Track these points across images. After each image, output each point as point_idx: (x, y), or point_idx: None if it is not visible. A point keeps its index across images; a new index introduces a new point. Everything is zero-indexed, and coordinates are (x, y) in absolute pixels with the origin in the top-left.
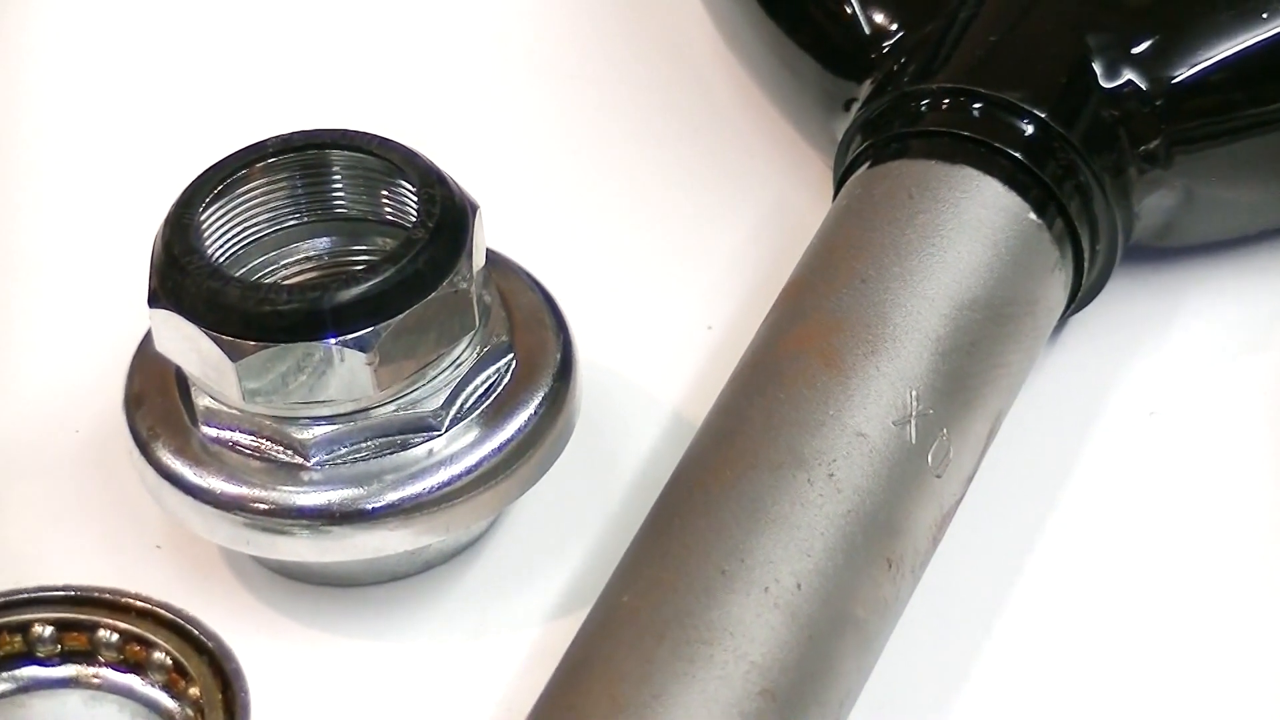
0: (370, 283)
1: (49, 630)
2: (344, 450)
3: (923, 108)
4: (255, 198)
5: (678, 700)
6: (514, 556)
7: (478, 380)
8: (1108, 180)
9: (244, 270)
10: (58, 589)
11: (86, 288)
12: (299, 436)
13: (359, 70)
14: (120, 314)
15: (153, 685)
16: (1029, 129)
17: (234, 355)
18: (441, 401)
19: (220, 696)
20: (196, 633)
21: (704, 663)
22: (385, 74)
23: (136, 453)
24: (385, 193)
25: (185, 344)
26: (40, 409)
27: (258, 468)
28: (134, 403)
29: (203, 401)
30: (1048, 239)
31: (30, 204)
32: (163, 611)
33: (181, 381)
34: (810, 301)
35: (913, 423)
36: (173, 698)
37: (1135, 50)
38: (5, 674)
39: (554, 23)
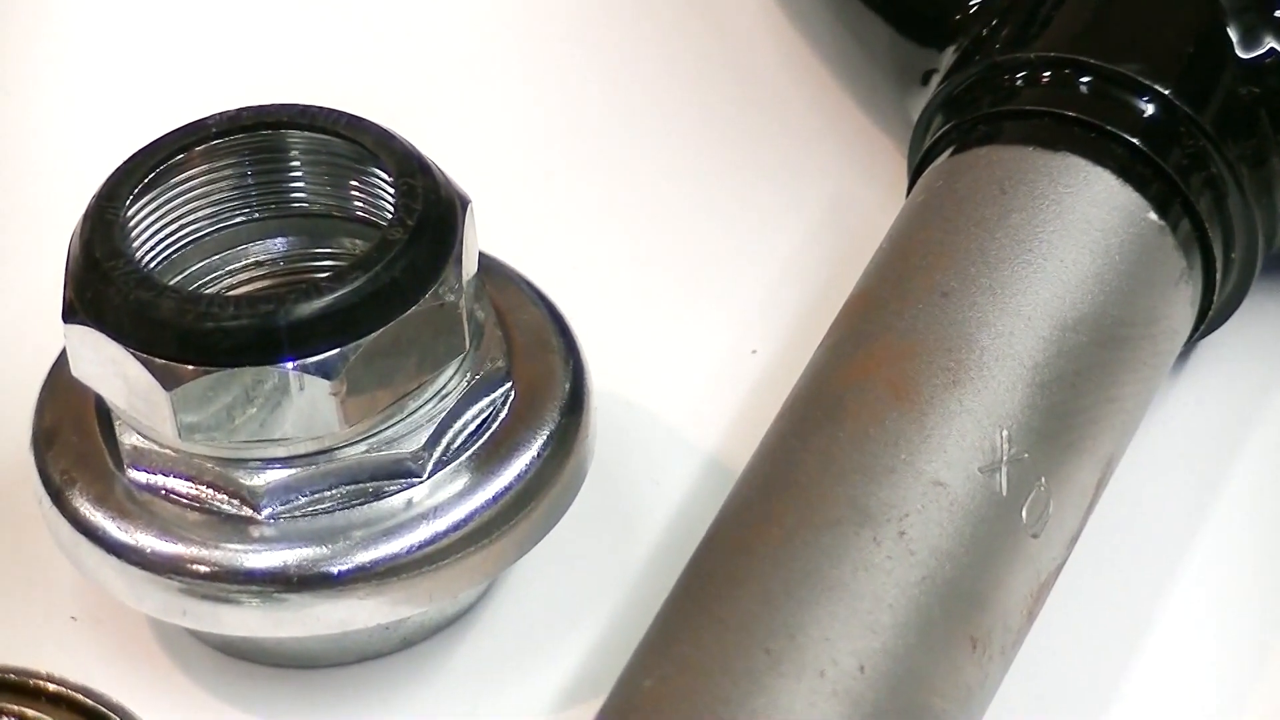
0: (336, 294)
1: None
2: (303, 500)
3: (1018, 82)
4: (194, 189)
5: None
6: (511, 632)
7: (468, 415)
8: (1245, 172)
9: (181, 277)
10: None
11: None
12: (248, 483)
13: (325, 33)
14: (26, 331)
15: None
16: (1149, 109)
17: (168, 382)
18: (423, 441)
19: None
20: None
21: None
22: (357, 37)
23: (47, 502)
24: (355, 183)
25: (108, 368)
26: None
27: (197, 521)
28: (44, 441)
29: (129, 440)
30: (1171, 244)
31: None
32: (79, 697)
33: (103, 415)
34: (878, 320)
35: (1003, 470)
36: None
37: None
38: None
39: None
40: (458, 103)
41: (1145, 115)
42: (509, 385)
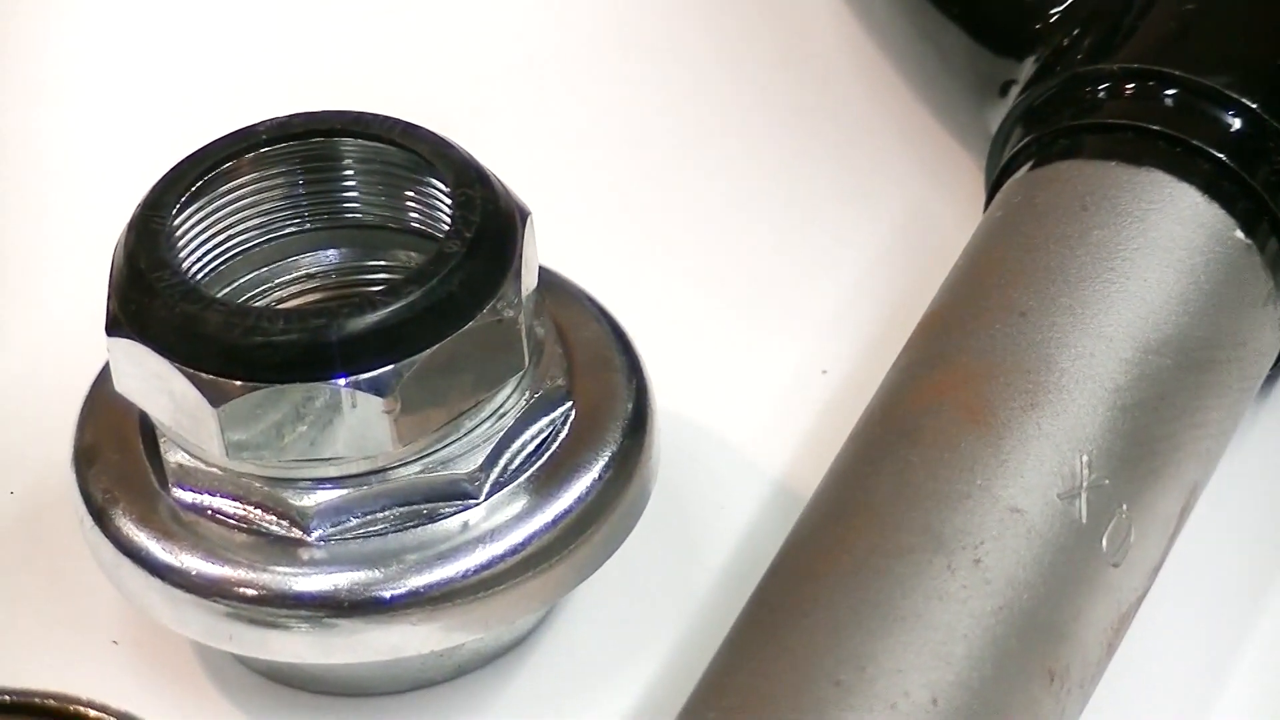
0: (390, 308)
1: None
2: (354, 522)
3: (1100, 94)
4: (243, 198)
5: None
6: (570, 661)
7: (526, 435)
8: None
9: (229, 290)
10: None
11: (24, 310)
12: (297, 504)
13: (379, 37)
14: (68, 344)
15: None
16: (1237, 123)
17: (215, 399)
18: (480, 462)
19: None
20: None
21: None
22: (413, 41)
23: (89, 522)
24: (410, 194)
25: (153, 383)
26: None
27: (244, 542)
28: (85, 459)
29: (174, 458)
30: (1259, 264)
31: None
32: None
33: (147, 432)
34: (954, 340)
35: (1083, 496)
36: None
37: None
38: None
39: None
40: (517, 111)
41: (1232, 130)
42: (569, 404)
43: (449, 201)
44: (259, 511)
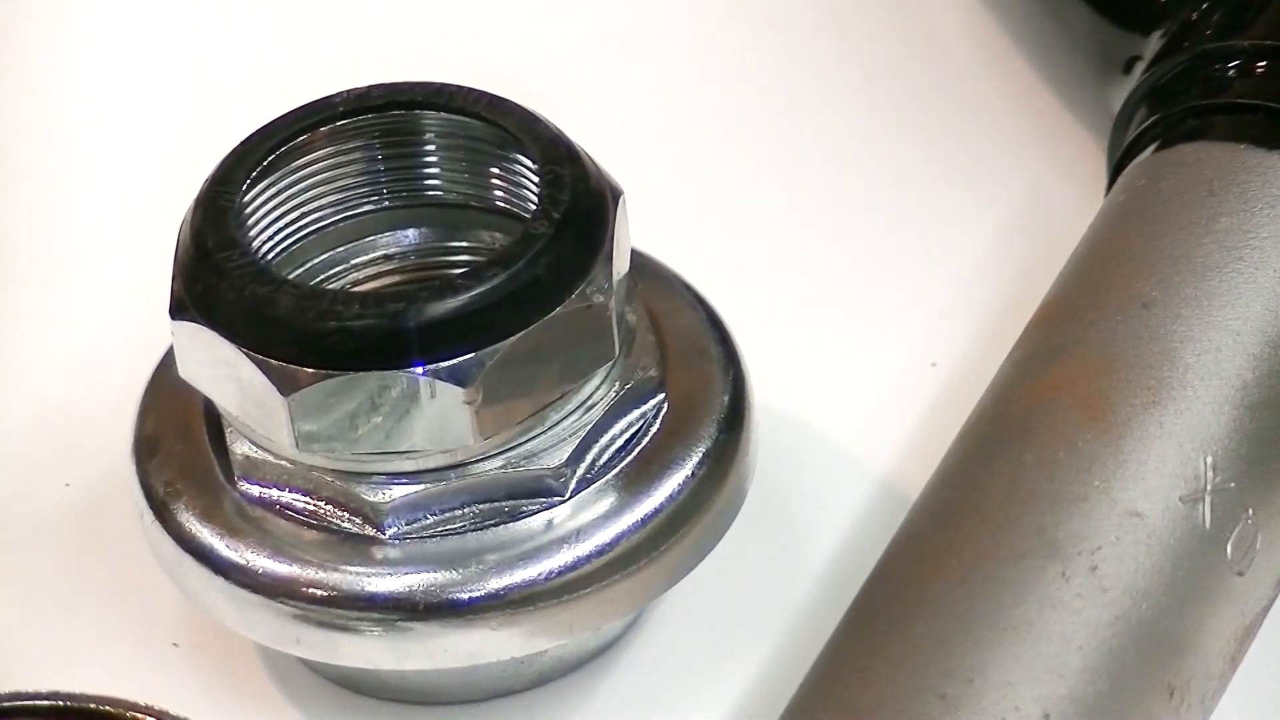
0: (472, 292)
1: None
2: (431, 519)
3: (1229, 72)
4: (318, 173)
5: None
6: (659, 670)
7: (615, 429)
8: None
9: (301, 271)
10: (42, 696)
11: (83, 290)
12: (371, 499)
13: (461, 2)
14: (129, 327)
15: None
16: None
17: (285, 387)
18: (566, 457)
19: None
20: None
21: None
22: (497, 6)
23: (149, 516)
24: (496, 170)
25: (219, 370)
26: (17, 454)
27: (314, 540)
28: (146, 450)
29: (241, 449)
30: None
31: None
32: None
33: (212, 421)
34: (1071, 332)
35: (1207, 500)
36: None
37: None
38: None
39: None
40: (608, 83)
41: None
42: (661, 396)
43: (536, 179)
44: (330, 507)
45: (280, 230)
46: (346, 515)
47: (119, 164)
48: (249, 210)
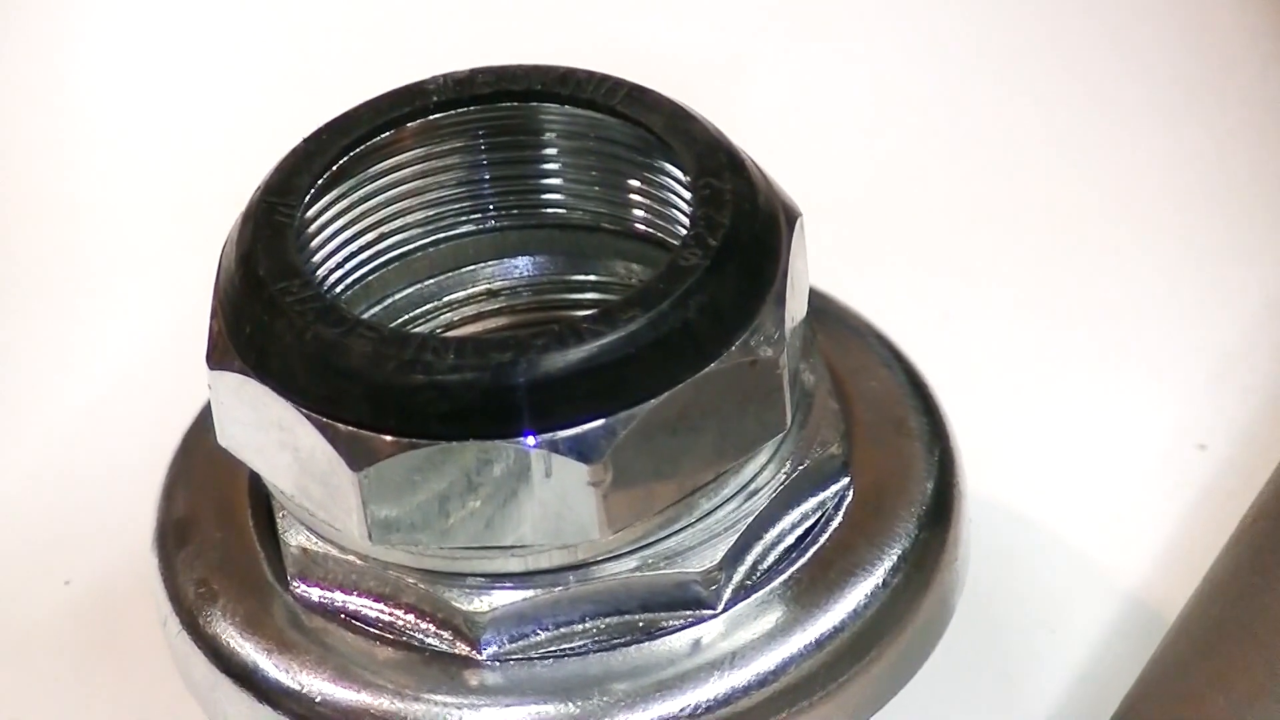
0: (601, 341)
1: None
2: (543, 635)
3: None
4: (403, 183)
5: None
6: None
7: (785, 522)
8: None
9: (380, 309)
10: None
11: (93, 329)
12: (465, 608)
13: None
14: (153, 380)
15: None
16: None
17: (357, 460)
18: (720, 558)
19: None
20: None
21: None
22: None
23: (175, 624)
24: (635, 183)
25: (271, 435)
26: (4, 542)
27: (390, 660)
28: (174, 537)
29: (297, 540)
30: None
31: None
32: None
33: (260, 503)
34: None
35: None
36: None
37: None
38: None
39: None
40: (787, 72)
41: None
42: (846, 481)
43: (688, 195)
44: (411, 618)
45: (353, 255)
46: (433, 628)
47: (137, 165)
48: (313, 229)
